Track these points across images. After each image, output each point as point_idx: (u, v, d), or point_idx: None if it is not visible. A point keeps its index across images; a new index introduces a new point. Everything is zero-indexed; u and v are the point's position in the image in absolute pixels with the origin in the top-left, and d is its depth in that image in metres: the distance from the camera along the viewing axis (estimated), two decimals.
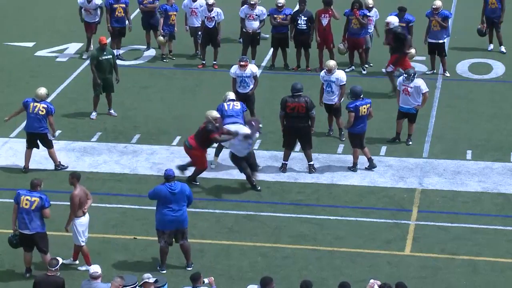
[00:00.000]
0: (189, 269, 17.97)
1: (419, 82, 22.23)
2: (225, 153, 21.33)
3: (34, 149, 21.39)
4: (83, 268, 18.01)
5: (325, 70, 22.53)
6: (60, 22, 29.07)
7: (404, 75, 22.27)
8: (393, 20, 24.80)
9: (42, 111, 21.05)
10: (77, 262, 18.15)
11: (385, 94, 23.56)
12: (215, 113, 20.63)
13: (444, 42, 25.49)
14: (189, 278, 16.16)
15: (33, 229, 17.57)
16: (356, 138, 21.11)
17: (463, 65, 26.55)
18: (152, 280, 15.78)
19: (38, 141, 21.31)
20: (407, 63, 23.93)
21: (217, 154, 21.64)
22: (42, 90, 21.24)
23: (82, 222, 17.98)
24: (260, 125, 20.81)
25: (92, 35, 26.60)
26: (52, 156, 21.47)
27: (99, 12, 26.37)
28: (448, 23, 25.44)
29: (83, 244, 17.99)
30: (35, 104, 21.13)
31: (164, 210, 17.91)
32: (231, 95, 21.28)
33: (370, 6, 25.60)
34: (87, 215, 18.04)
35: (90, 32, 26.60)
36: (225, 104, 21.07)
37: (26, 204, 17.54)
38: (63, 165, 21.55)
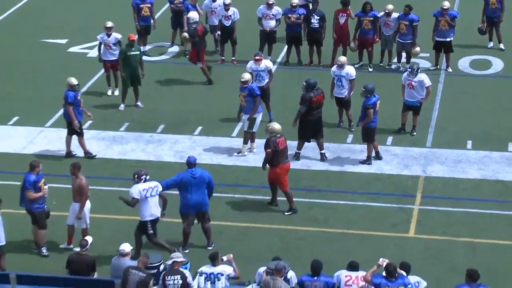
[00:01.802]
0: (209, 248, 18.05)
1: (422, 76, 22.17)
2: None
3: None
4: (63, 245, 18.18)
5: (336, 65, 22.49)
6: (90, 20, 29.09)
7: (408, 70, 22.22)
8: None
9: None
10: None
11: (390, 89, 23.47)
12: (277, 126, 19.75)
13: (451, 40, 25.41)
14: (208, 257, 16.23)
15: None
16: (371, 132, 21.05)
17: (464, 62, 26.47)
18: (180, 259, 15.79)
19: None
20: None
21: (245, 142, 21.60)
22: (68, 80, 21.30)
23: (88, 207, 18.09)
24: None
25: (110, 74, 24.30)
26: (66, 142, 21.48)
27: (118, 47, 23.91)
28: (455, 23, 25.34)
29: (88, 226, 18.07)
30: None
31: (187, 195, 17.96)
32: None
33: (387, 11, 25.24)
34: (88, 201, 18.11)
35: (109, 70, 24.26)
36: None
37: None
38: (91, 153, 21.55)
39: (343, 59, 22.51)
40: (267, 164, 19.37)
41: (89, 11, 30.15)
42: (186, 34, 26.27)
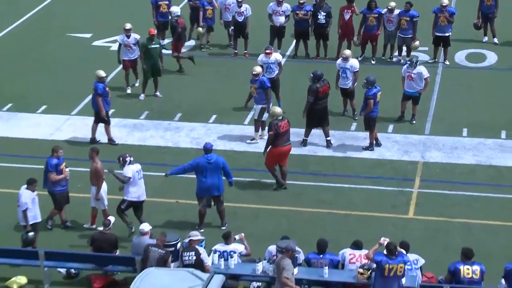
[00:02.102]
0: (223, 228, 18.12)
1: (421, 69, 22.22)
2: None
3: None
4: (87, 225, 18.26)
5: (341, 58, 22.56)
6: (113, 16, 29.17)
7: (408, 62, 22.30)
8: None
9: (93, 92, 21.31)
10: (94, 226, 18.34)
11: (391, 81, 23.51)
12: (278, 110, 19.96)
13: (449, 35, 25.42)
14: (221, 236, 16.35)
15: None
16: (372, 121, 21.12)
17: (461, 55, 26.44)
18: (197, 237, 15.90)
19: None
20: None
21: (257, 130, 21.70)
22: (97, 72, 21.39)
23: (105, 189, 18.16)
24: None
25: (129, 72, 24.02)
26: (92, 129, 21.58)
27: (137, 47, 23.72)
28: (453, 19, 25.35)
29: (106, 207, 18.13)
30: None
31: (202, 179, 18.06)
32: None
33: (390, 8, 25.29)
34: (105, 184, 18.16)
35: (128, 69, 23.96)
36: None
37: None
38: (114, 141, 21.67)
39: (348, 52, 22.59)
40: (267, 149, 19.44)
41: (112, 7, 30.20)
42: (200, 29, 26.38)
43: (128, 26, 23.79)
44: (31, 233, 17.10)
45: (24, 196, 17.12)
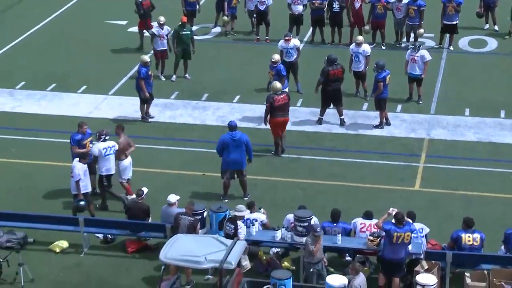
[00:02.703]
0: (245, 199, 18.05)
1: (423, 52, 21.95)
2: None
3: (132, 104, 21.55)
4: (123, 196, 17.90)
5: (354, 43, 22.28)
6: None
7: (411, 46, 22.03)
8: None
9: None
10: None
11: (400, 64, 23.19)
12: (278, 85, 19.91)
13: (456, 23, 25.07)
14: (246, 205, 16.22)
15: None
16: (383, 102, 20.85)
17: (464, 41, 26.09)
18: (241, 214, 15.61)
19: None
20: None
21: None
22: (141, 57, 21.24)
23: (125, 164, 17.92)
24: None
25: (159, 62, 23.51)
26: (140, 109, 21.47)
27: (169, 37, 23.33)
28: (460, 8, 24.97)
29: (123, 181, 17.91)
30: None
31: (227, 153, 17.95)
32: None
33: None
34: (129, 158, 17.93)
35: (159, 59, 23.50)
36: None
37: None
38: (147, 119, 21.48)
39: (361, 38, 22.32)
40: (267, 119, 19.54)
41: None
42: (225, 18, 26.13)
43: (162, 19, 23.51)
44: (82, 202, 17.01)
45: (77, 168, 17.04)
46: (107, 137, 17.65)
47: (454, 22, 25.08)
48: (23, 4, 29.50)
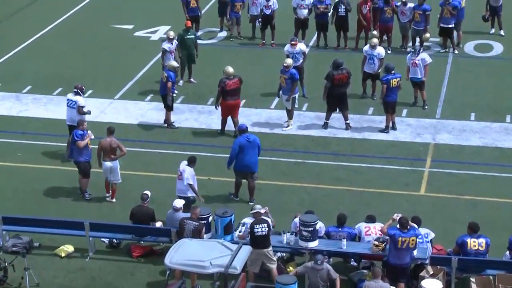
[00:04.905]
0: (251, 203, 18.02)
1: (424, 55, 21.93)
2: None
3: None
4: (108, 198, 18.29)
5: (369, 45, 22.31)
6: (152, 8, 29.05)
7: (411, 50, 22.02)
8: None
9: (164, 78, 21.06)
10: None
11: (404, 69, 23.16)
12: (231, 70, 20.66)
13: (453, 27, 25.05)
14: (251, 210, 16.20)
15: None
16: (388, 105, 20.85)
17: (469, 45, 26.07)
18: (262, 210, 15.70)
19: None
20: None
21: (291, 117, 21.40)
22: (170, 63, 21.31)
23: (107, 164, 18.00)
24: None
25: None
26: (166, 116, 21.41)
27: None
28: (456, 11, 24.94)
29: (112, 181, 18.08)
30: (163, 72, 21.26)
31: (242, 156, 17.97)
32: None
33: (403, 1, 24.90)
34: (108, 162, 17.97)
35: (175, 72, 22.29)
36: None
37: None
38: (174, 125, 21.41)
39: (375, 41, 22.39)
40: (218, 102, 20.19)
41: (151, 1, 30.05)
42: (226, 21, 26.23)
43: (171, 34, 23.33)
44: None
45: (187, 172, 17.18)
46: (78, 91, 19.55)
47: (450, 26, 25.04)
48: (29, 9, 29.56)
